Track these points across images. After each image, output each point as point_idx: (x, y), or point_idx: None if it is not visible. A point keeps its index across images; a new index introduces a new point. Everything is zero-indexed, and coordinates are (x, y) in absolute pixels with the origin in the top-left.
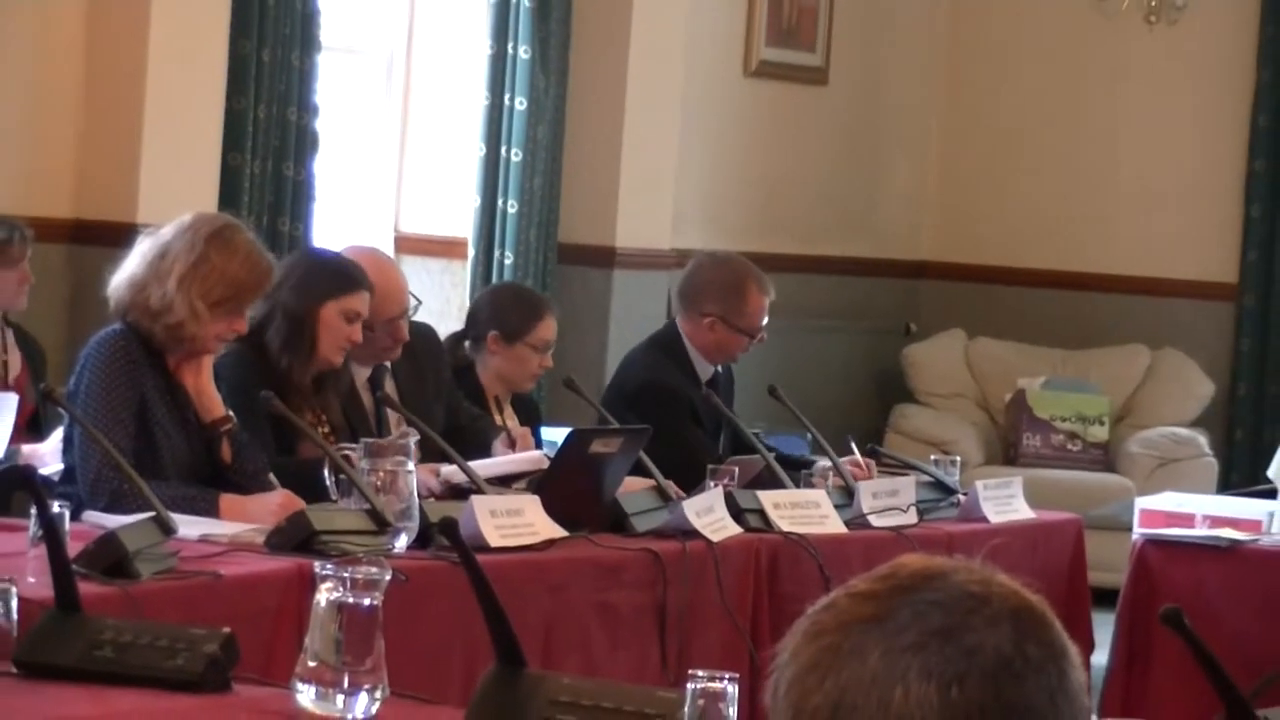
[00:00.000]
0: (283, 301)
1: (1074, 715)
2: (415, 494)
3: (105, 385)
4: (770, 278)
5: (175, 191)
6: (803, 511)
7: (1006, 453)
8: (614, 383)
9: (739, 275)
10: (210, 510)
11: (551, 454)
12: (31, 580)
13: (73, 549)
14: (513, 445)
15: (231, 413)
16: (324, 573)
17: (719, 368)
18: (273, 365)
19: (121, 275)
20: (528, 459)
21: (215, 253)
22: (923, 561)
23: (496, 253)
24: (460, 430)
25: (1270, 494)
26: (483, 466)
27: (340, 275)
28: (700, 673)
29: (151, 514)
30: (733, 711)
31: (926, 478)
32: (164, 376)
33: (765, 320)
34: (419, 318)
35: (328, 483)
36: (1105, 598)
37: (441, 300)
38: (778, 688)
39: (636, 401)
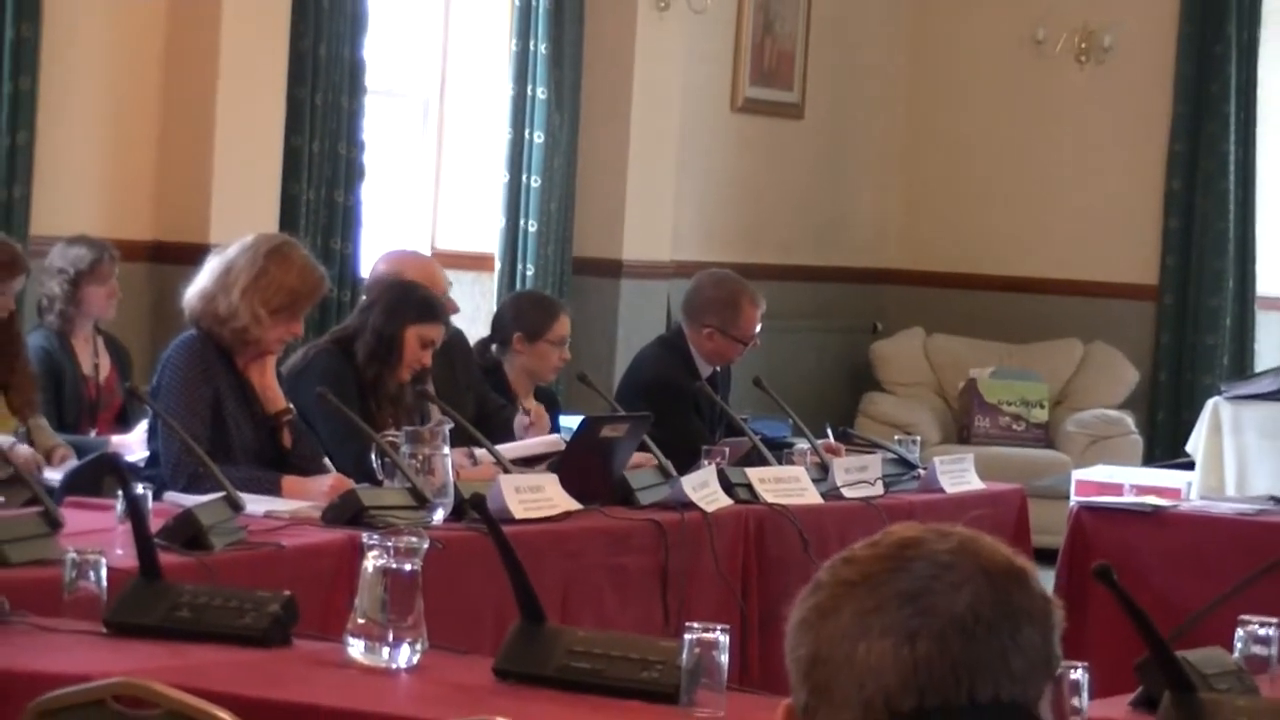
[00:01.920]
0: (373, 320)
1: (1027, 668)
2: (450, 474)
3: (183, 383)
4: (756, 285)
5: (241, 216)
6: (785, 485)
7: (960, 433)
8: (627, 376)
9: (734, 292)
10: (273, 490)
11: (568, 438)
12: (119, 552)
13: (155, 524)
14: (530, 423)
15: (291, 404)
16: (371, 542)
17: (717, 367)
18: (358, 371)
19: (194, 288)
20: (547, 442)
21: (274, 266)
22: (906, 531)
23: (519, 266)
24: (487, 418)
25: (1188, 466)
26: (508, 449)
27: (424, 306)
28: (696, 625)
29: (223, 494)
30: (724, 659)
31: (891, 455)
32: (233, 374)
33: (758, 329)
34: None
35: (375, 465)
36: (1046, 557)
37: (472, 307)
38: (786, 637)
39: (647, 393)
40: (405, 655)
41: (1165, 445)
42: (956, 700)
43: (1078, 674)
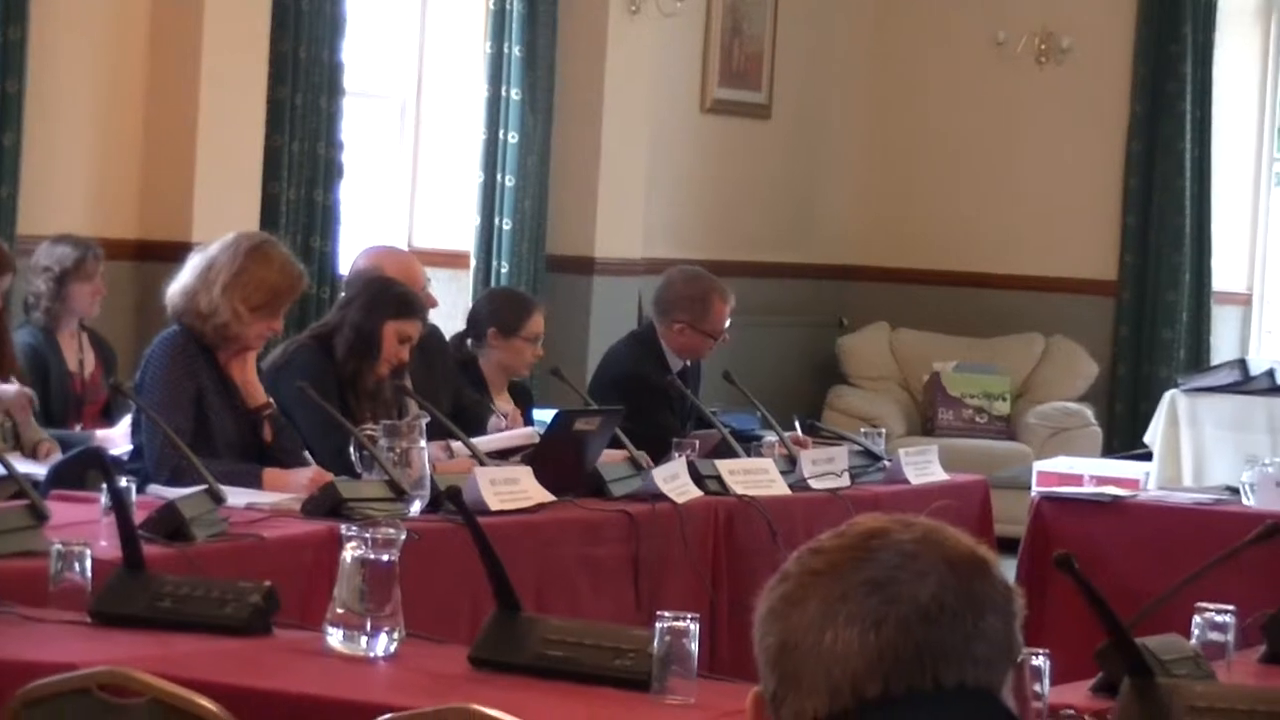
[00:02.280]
0: (352, 316)
1: (990, 655)
2: (427, 467)
3: (166, 378)
4: (725, 281)
5: (224, 215)
6: (753, 477)
7: (924, 425)
8: (600, 371)
9: (704, 289)
10: (254, 483)
11: (542, 432)
12: (103, 544)
13: (138, 517)
14: (505, 423)
15: (271, 399)
16: (350, 534)
17: (688, 361)
18: (338, 366)
19: (176, 285)
20: (522, 435)
21: (254, 264)
22: (872, 522)
23: (494, 263)
24: (463, 412)
25: (1146, 457)
26: (484, 443)
27: (402, 302)
28: (667, 614)
29: (205, 487)
30: (694, 646)
31: (857, 447)
32: (215, 370)
33: (727, 324)
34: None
35: (353, 458)
36: (1008, 546)
37: (448, 304)
38: (755, 626)
39: (619, 387)
40: (383, 644)
41: (1124, 437)
42: (921, 686)
43: (1039, 660)
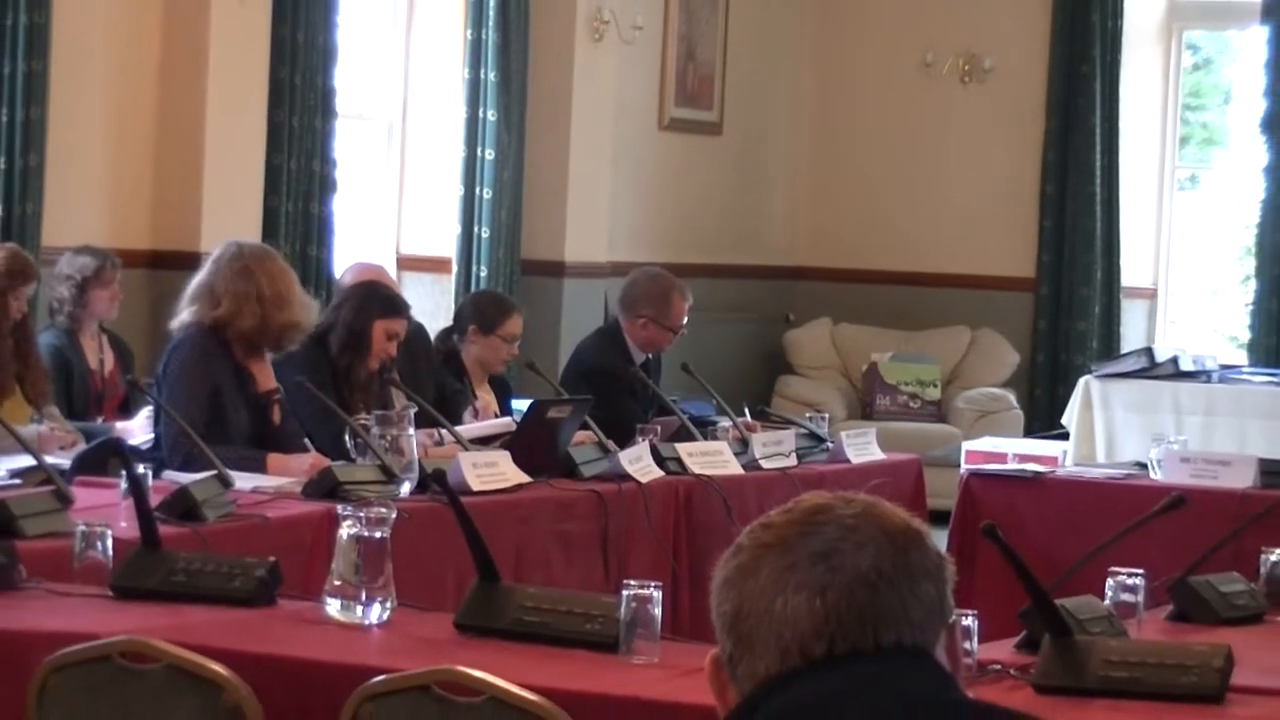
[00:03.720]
0: (344, 316)
1: (924, 617)
2: (415, 452)
3: (183, 373)
4: (683, 281)
5: (228, 226)
6: (710, 458)
7: (864, 410)
8: (570, 363)
9: (665, 286)
10: (260, 468)
11: (518, 419)
12: (123, 525)
13: (154, 500)
14: (476, 414)
15: (279, 385)
16: (345, 513)
17: (650, 354)
18: (332, 362)
19: (192, 290)
20: (500, 424)
21: (271, 263)
22: (816, 499)
23: (474, 268)
24: (446, 401)
25: (1063, 437)
26: (467, 430)
27: (389, 302)
28: (633, 582)
29: (215, 472)
30: (658, 612)
31: (803, 430)
32: (231, 361)
33: (686, 320)
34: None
35: (348, 445)
36: (940, 518)
37: (432, 304)
38: (712, 594)
39: (588, 378)
40: (377, 613)
41: (1043, 419)
42: (863, 645)
43: (968, 621)
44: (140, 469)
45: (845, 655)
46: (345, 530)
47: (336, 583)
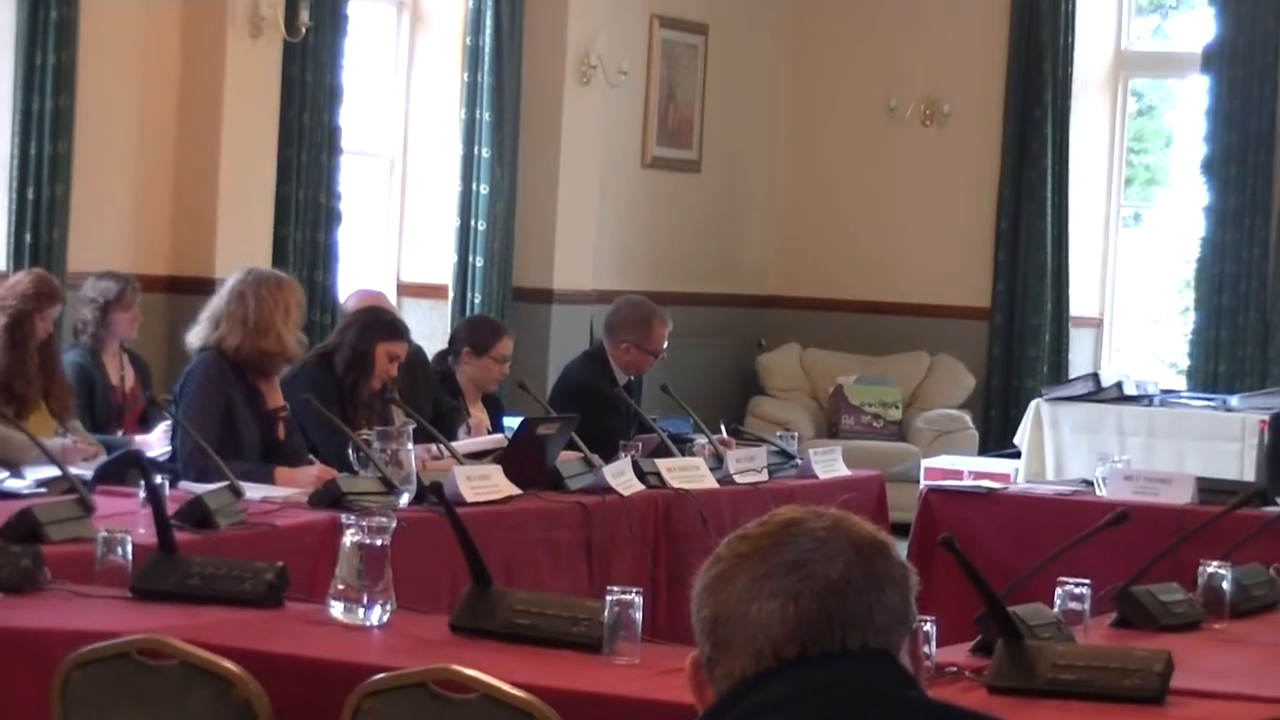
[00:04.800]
0: (349, 339)
1: (889, 623)
2: (414, 465)
3: (198, 393)
4: (663, 308)
5: (241, 254)
6: (687, 473)
7: (830, 429)
8: (559, 384)
9: (647, 313)
10: (268, 479)
11: (510, 436)
12: (141, 531)
13: (171, 508)
14: (470, 431)
15: (285, 403)
16: (349, 522)
17: (632, 376)
18: (338, 381)
19: (206, 312)
20: (492, 440)
21: (266, 291)
22: (790, 512)
23: (469, 294)
24: (442, 418)
25: (1015, 455)
26: (462, 445)
27: (391, 326)
28: (615, 588)
29: (227, 483)
30: (639, 616)
31: (774, 448)
32: (243, 379)
33: (665, 344)
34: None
35: (352, 458)
36: (901, 530)
37: (430, 328)
38: (692, 600)
39: (574, 397)
40: (377, 614)
41: (997, 438)
42: (831, 648)
43: (927, 626)
44: (158, 479)
45: (815, 657)
46: (348, 538)
47: (340, 586)
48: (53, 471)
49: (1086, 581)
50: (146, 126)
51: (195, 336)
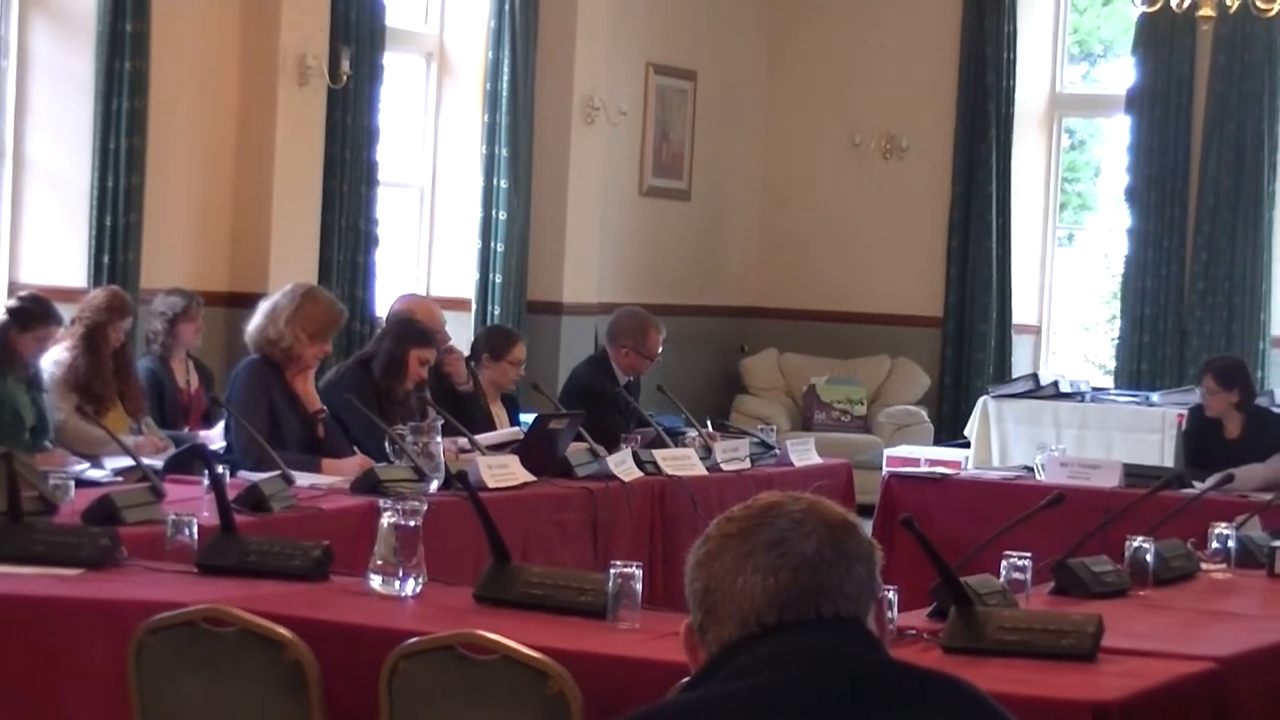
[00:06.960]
0: (385, 345)
1: (858, 593)
2: (442, 456)
3: (247, 393)
4: (658, 317)
5: (291, 273)
6: (680, 462)
7: (804, 423)
8: (567, 384)
9: (644, 322)
10: (315, 468)
11: (525, 430)
12: (205, 514)
13: (231, 494)
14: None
15: (324, 406)
16: (385, 506)
17: (631, 377)
18: (376, 383)
19: (251, 325)
20: (510, 433)
21: (308, 303)
22: (770, 497)
23: (489, 307)
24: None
25: (965, 445)
26: (484, 439)
27: (421, 334)
28: (618, 562)
29: (279, 472)
30: (639, 587)
31: (755, 439)
32: (283, 385)
33: (660, 349)
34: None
35: (388, 450)
36: (866, 511)
37: (455, 337)
38: (685, 574)
39: (581, 396)
40: (411, 586)
41: (949, 431)
42: (807, 616)
43: (890, 595)
44: (219, 469)
45: (793, 623)
46: (385, 519)
47: (378, 562)
48: (128, 462)
49: (1028, 555)
50: (208, 162)
51: (250, 332)
